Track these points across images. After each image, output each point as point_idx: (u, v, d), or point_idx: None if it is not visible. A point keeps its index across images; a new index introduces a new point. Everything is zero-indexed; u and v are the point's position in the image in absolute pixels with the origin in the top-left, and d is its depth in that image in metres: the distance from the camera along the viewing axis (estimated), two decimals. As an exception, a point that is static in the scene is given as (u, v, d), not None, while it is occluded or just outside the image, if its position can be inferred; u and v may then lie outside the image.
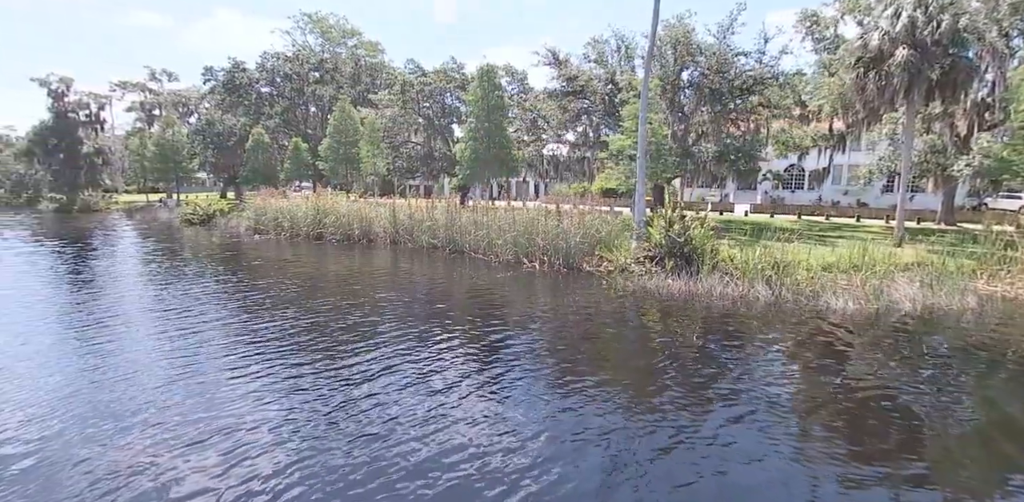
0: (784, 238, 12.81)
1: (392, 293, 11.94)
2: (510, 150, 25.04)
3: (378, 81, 44.31)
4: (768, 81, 23.31)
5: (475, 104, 24.67)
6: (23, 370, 6.94)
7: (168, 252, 20.26)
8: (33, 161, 52.80)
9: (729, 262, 12.08)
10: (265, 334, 8.44)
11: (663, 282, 11.63)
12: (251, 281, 13.24)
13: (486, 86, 24.70)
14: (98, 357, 7.42)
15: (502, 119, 25.15)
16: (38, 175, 54.33)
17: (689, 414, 5.75)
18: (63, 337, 8.48)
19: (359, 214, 20.82)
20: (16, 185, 58.29)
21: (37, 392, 6.24)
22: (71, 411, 5.75)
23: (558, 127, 25.56)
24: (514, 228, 14.93)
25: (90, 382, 6.53)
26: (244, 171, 40.77)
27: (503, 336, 8.61)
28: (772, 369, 7.23)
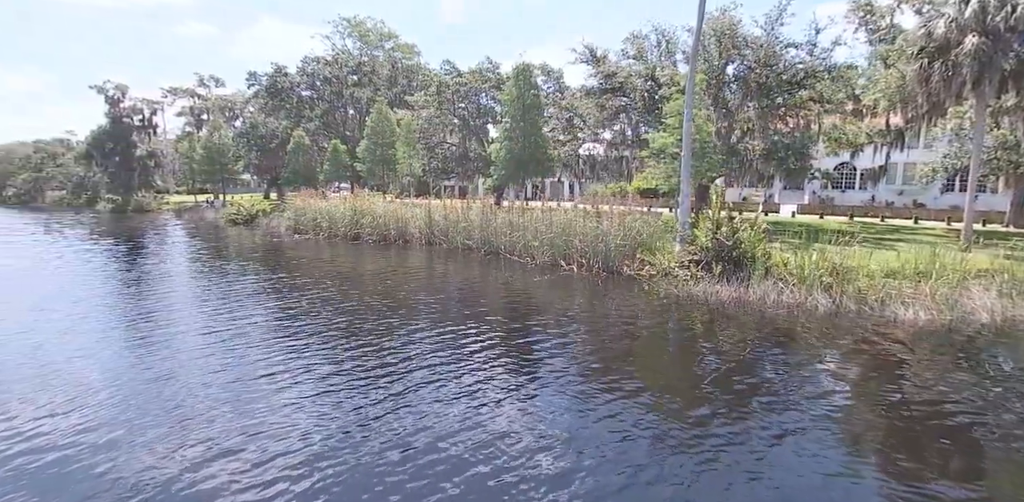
0: (844, 241, 11.94)
1: (427, 295, 11.77)
2: (546, 150, 24.66)
3: (414, 83, 44.64)
4: (820, 74, 22.07)
5: (510, 103, 24.40)
6: (63, 365, 7.02)
7: (212, 251, 20.93)
8: (91, 164, 55.94)
9: (782, 267, 11.34)
10: (301, 335, 8.42)
11: (710, 288, 11.01)
12: (290, 281, 13.43)
13: (521, 85, 24.41)
14: (139, 354, 7.54)
15: (538, 118, 24.80)
16: (96, 177, 57.49)
17: (735, 429, 5.33)
18: (106, 333, 8.68)
19: (395, 215, 20.87)
20: (77, 187, 61.90)
21: (76, 387, 6.29)
22: (108, 406, 5.77)
23: (595, 126, 24.99)
24: (551, 229, 14.54)
25: (129, 378, 6.57)
26: (285, 172, 41.84)
27: (539, 341, 8.28)
28: (830, 385, 6.62)
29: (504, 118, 24.97)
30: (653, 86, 22.51)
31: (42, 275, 14.43)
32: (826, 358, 7.61)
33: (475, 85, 29.58)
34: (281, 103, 44.83)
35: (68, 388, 6.27)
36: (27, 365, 7.06)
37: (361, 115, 43.66)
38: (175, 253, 20.45)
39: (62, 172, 65.96)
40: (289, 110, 44.67)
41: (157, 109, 58.12)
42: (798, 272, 11.01)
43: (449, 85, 29.67)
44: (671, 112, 15.83)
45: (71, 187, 63.16)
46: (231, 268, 15.71)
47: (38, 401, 5.91)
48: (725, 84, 23.08)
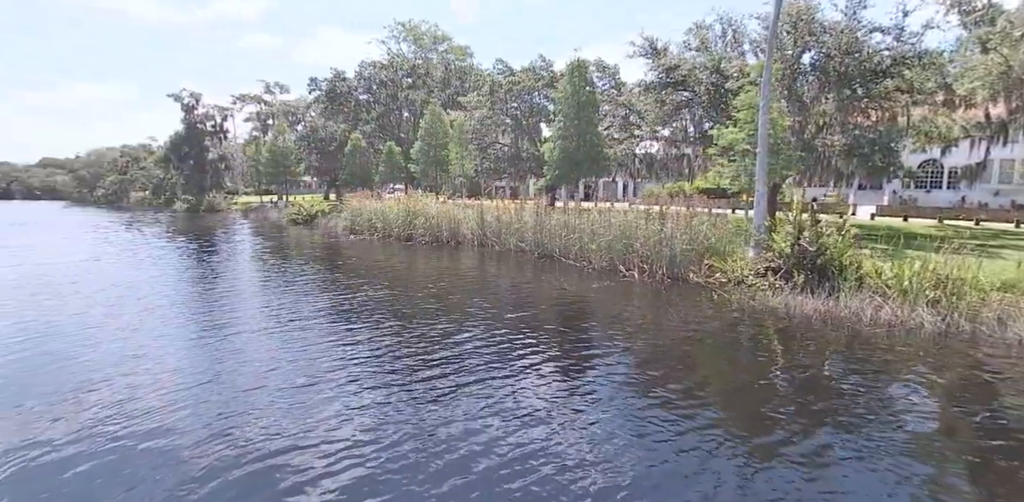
0: (942, 247, 10.41)
1: (479, 299, 11.33)
2: (601, 148, 23.76)
3: (467, 84, 44.75)
4: (909, 61, 19.91)
5: (564, 101, 23.70)
6: (118, 360, 7.18)
7: (274, 250, 21.64)
8: (169, 167, 60.02)
9: (876, 278, 10.04)
10: (354, 336, 8.34)
11: (792, 300, 9.89)
12: (345, 281, 13.53)
13: (576, 82, 23.65)
14: (195, 351, 7.70)
15: (593, 116, 23.95)
16: (173, 179, 61.65)
17: (809, 463, 4.59)
18: (169, 329, 8.79)
19: (447, 216, 20.68)
20: (157, 188, 66.66)
21: (131, 381, 6.40)
22: (163, 401, 5.82)
23: (654, 122, 23.78)
24: (609, 232, 13.74)
25: (187, 373, 6.66)
26: (343, 174, 43.05)
27: (596, 353, 7.63)
28: (938, 423, 5.53)
29: (558, 116, 24.29)
30: (719, 79, 21.11)
31: (117, 270, 15.24)
32: (934, 388, 6.46)
33: (528, 84, 29.05)
34: (339, 107, 46.21)
35: (132, 378, 6.47)
36: (98, 355, 7.30)
37: (415, 117, 44.23)
38: (240, 251, 21.37)
39: (144, 174, 71.30)
40: (347, 114, 45.97)
41: (227, 115, 61.71)
42: (895, 284, 9.69)
43: (502, 84, 29.31)
44: (742, 105, 14.61)
45: (152, 188, 68.13)
46: (290, 267, 16.12)
47: (100, 391, 6.03)
48: (800, 75, 21.30)
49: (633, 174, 35.07)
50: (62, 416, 5.39)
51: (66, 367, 6.83)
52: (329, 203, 41.16)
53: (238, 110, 68.15)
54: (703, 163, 24.45)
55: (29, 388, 6.16)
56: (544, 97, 32.31)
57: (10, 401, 5.81)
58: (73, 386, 6.17)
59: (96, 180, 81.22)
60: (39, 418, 5.37)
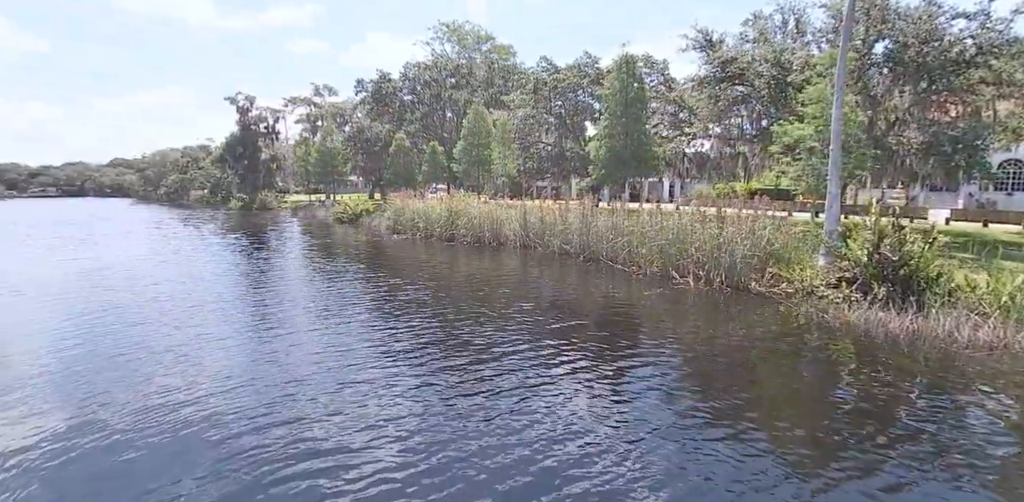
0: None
1: (521, 302, 10.86)
2: (649, 147, 22.82)
3: (510, 83, 44.39)
4: (997, 49, 17.98)
5: (611, 98, 22.89)
6: (172, 351, 7.52)
7: (320, 248, 22.07)
8: (225, 167, 62.73)
9: (970, 292, 8.90)
10: (394, 337, 8.25)
11: (872, 315, 8.88)
12: (386, 280, 13.49)
13: (624, 78, 22.80)
14: (244, 346, 7.93)
15: (641, 113, 23.03)
16: (229, 178, 64.40)
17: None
18: (217, 325, 8.97)
19: (489, 216, 20.32)
20: (214, 187, 69.81)
21: (183, 371, 6.71)
22: (209, 392, 6.05)
23: (707, 119, 22.60)
24: (662, 235, 12.94)
25: (236, 367, 6.88)
26: (387, 174, 43.61)
27: (644, 365, 7.05)
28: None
29: (604, 114, 23.51)
30: (780, 72, 19.76)
31: (175, 265, 16.04)
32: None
33: (573, 81, 28.33)
34: (385, 108, 46.85)
35: (183, 369, 6.81)
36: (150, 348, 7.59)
37: (458, 117, 44.27)
38: (287, 249, 21.90)
39: (202, 174, 74.87)
40: (391, 114, 46.55)
41: (279, 117, 63.87)
42: (993, 299, 8.54)
43: (546, 82, 28.72)
44: (810, 99, 13.48)
45: (210, 187, 71.44)
46: (334, 267, 16.30)
47: (158, 380, 6.25)
48: (871, 66, 19.68)
49: (681, 174, 33.75)
50: (128, 401, 5.76)
51: (130, 354, 7.36)
52: (373, 202, 41.78)
53: (289, 112, 70.52)
54: (760, 162, 23.06)
55: (100, 373, 6.66)
56: (589, 95, 31.54)
57: (80, 385, 6.18)
58: (136, 373, 6.62)
59: (159, 179, 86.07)
60: (104, 402, 5.74)
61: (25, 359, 7.20)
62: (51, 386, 6.24)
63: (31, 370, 6.75)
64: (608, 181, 23.35)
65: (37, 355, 7.37)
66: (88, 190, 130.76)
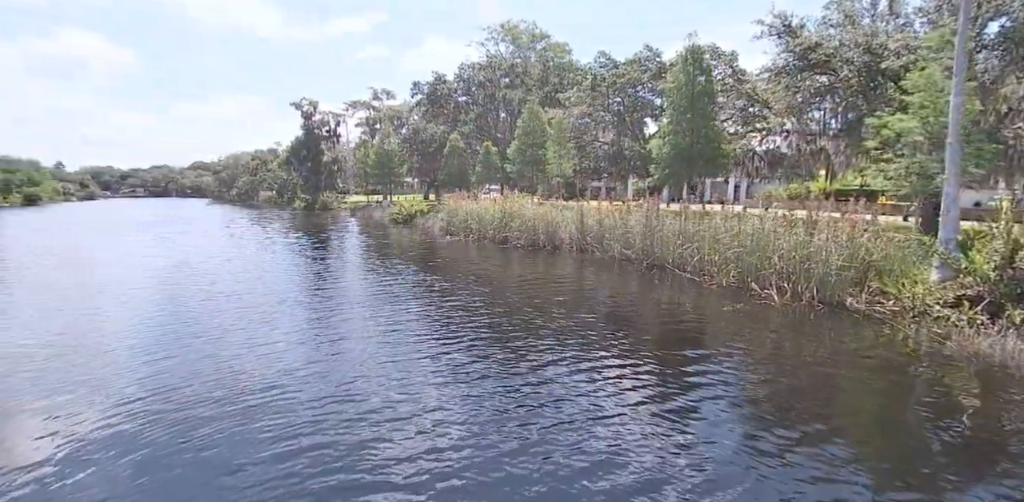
0: None
1: (579, 312, 10.01)
2: (718, 144, 21.19)
3: (565, 81, 43.37)
4: None
5: (676, 92, 21.44)
6: (215, 349, 7.68)
7: (374, 249, 22.40)
8: (290, 169, 65.53)
9: None
10: (441, 345, 7.89)
11: (1008, 343, 7.32)
12: (439, 284, 13.19)
13: (690, 70, 21.29)
14: (302, 343, 8.06)
15: (708, 108, 21.42)
16: (294, 180, 67.26)
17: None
18: (275, 323, 9.06)
19: (544, 218, 19.50)
20: (281, 188, 73.22)
21: (229, 367, 6.88)
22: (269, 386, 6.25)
23: (784, 113, 20.67)
24: (738, 241, 11.61)
25: (289, 364, 7.01)
26: (441, 175, 43.80)
27: (717, 391, 6.03)
28: None
29: (668, 110, 22.08)
30: (871, 58, 17.63)
31: (243, 263, 16.98)
32: None
33: (633, 76, 26.96)
34: (440, 109, 47.11)
35: (239, 365, 6.98)
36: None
37: (512, 117, 43.74)
38: (343, 250, 22.33)
39: (270, 176, 78.72)
40: (447, 115, 46.72)
41: (340, 121, 65.92)
42: None
43: (604, 78, 27.50)
44: (916, 86, 11.67)
45: (277, 188, 75.02)
46: (386, 268, 16.35)
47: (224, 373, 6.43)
48: (982, 48, 17.19)
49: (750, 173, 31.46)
50: (203, 392, 5.99)
51: (197, 346, 7.71)
52: (428, 203, 42.04)
53: (350, 116, 72.64)
54: (846, 160, 20.86)
55: (168, 362, 7.00)
56: (649, 90, 30.03)
57: (155, 377, 6.44)
58: (202, 364, 6.93)
59: (232, 181, 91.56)
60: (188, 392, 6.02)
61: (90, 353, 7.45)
62: (132, 374, 6.62)
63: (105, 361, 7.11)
64: (672, 181, 21.89)
65: (105, 343, 7.89)
66: (171, 191, 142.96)
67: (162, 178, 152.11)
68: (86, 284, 12.77)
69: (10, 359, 7.05)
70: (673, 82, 21.70)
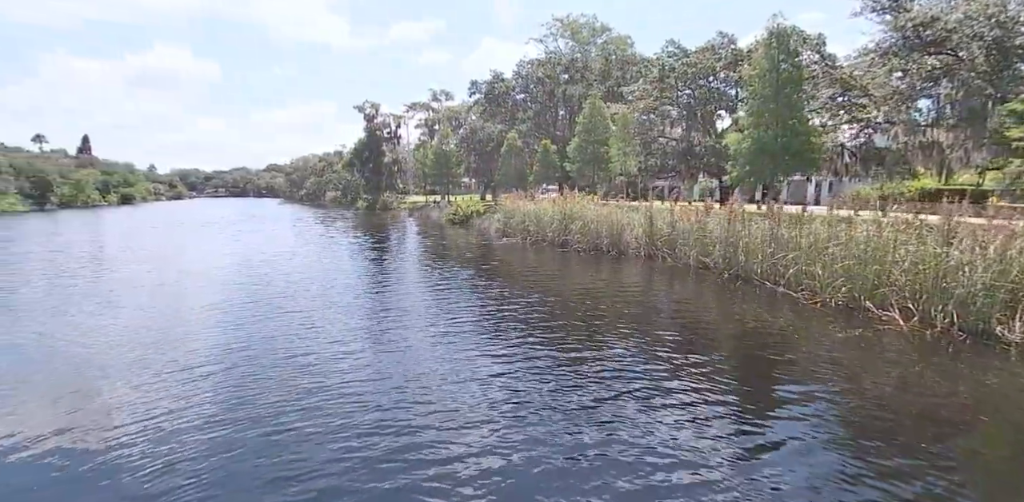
0: None
1: (650, 328, 8.75)
2: (808, 137, 18.86)
3: (628, 74, 41.34)
4: None
5: (758, 80, 19.29)
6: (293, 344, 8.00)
7: (430, 251, 22.28)
8: (353, 170, 67.42)
9: None
10: (495, 360, 7.21)
11: None
12: (492, 290, 12.57)
13: (775, 55, 19.06)
14: (350, 347, 7.92)
15: (796, 97, 19.12)
16: (357, 181, 69.16)
17: None
18: (333, 323, 9.06)
19: (607, 220, 18.09)
20: (345, 189, 75.65)
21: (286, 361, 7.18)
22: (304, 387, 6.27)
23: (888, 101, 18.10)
24: (848, 250, 9.78)
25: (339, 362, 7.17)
26: (498, 175, 43.12)
27: (822, 447, 4.47)
28: None
29: (748, 100, 19.99)
30: (1003, 34, 14.89)
31: (307, 260, 17.65)
32: None
33: (706, 65, 24.83)
34: (497, 108, 46.42)
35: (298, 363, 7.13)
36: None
37: (572, 114, 42.28)
38: (400, 250, 22.41)
39: (336, 177, 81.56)
40: (504, 114, 45.97)
41: (400, 122, 66.95)
42: None
43: (674, 68, 25.53)
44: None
45: (341, 189, 77.59)
46: (442, 270, 16.12)
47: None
48: None
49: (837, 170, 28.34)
50: (275, 388, 6.14)
51: (255, 342, 7.97)
52: (484, 203, 41.50)
53: (410, 118, 73.73)
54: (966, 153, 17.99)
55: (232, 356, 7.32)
56: (723, 81, 27.68)
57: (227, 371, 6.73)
58: (269, 358, 7.22)
59: (302, 182, 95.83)
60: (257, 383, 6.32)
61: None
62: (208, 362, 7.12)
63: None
64: (754, 179, 19.78)
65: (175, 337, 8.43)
66: (249, 191, 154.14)
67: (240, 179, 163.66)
68: (179, 275, 14.34)
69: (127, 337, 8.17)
70: (755, 69, 19.57)
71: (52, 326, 8.79)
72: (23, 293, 11.83)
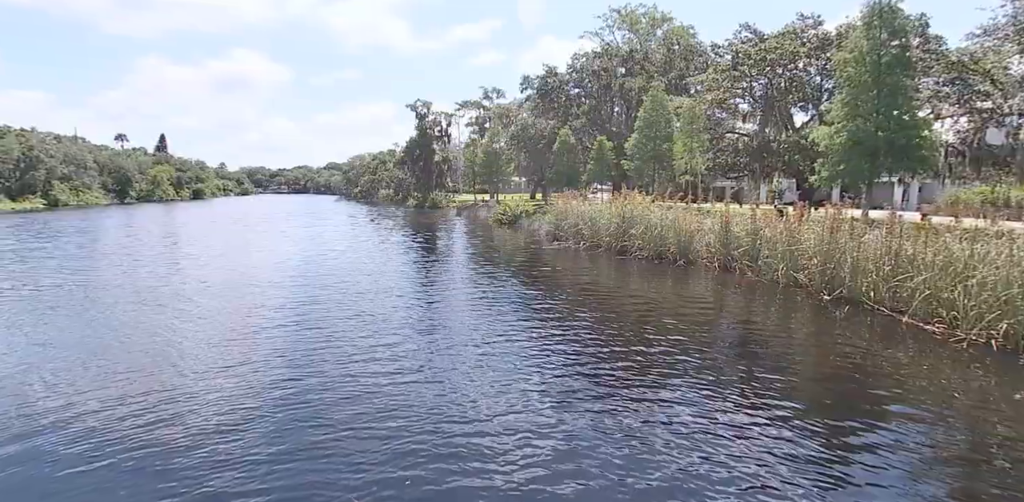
0: None
1: (742, 364, 6.98)
2: (918, 131, 16.11)
3: (693, 66, 38.54)
4: None
5: (856, 64, 16.70)
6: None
7: (478, 253, 21.50)
8: (404, 168, 67.72)
9: None
10: (533, 385, 6.04)
11: None
12: (541, 301, 11.48)
13: (875, 35, 16.43)
14: (394, 351, 7.76)
15: (903, 84, 16.38)
16: (408, 179, 69.45)
17: None
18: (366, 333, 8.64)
19: (674, 225, 16.13)
20: (397, 187, 76.28)
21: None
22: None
23: (1022, 86, 15.05)
24: (1007, 275, 7.53)
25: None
26: (549, 173, 41.53)
27: None
28: None
29: (842, 87, 17.37)
30: None
31: (355, 260, 17.65)
32: None
33: (789, 50, 22.12)
34: (550, 104, 44.69)
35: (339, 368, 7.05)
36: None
37: (629, 109, 39.93)
38: (446, 253, 21.54)
39: (388, 175, 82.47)
40: (557, 109, 44.21)
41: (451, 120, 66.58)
42: None
43: (750, 55, 22.94)
44: None
45: (393, 187, 78.35)
46: (488, 275, 15.28)
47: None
48: None
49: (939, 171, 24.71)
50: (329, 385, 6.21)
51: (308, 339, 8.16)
52: (534, 203, 39.98)
53: (461, 116, 73.20)
54: None
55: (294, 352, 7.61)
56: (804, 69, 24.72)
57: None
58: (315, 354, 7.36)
59: (357, 179, 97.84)
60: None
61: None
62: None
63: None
64: (849, 179, 17.17)
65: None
66: (309, 188, 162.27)
67: (302, 177, 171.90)
68: (218, 275, 14.71)
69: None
70: (852, 51, 16.97)
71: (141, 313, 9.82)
72: (106, 277, 13.78)
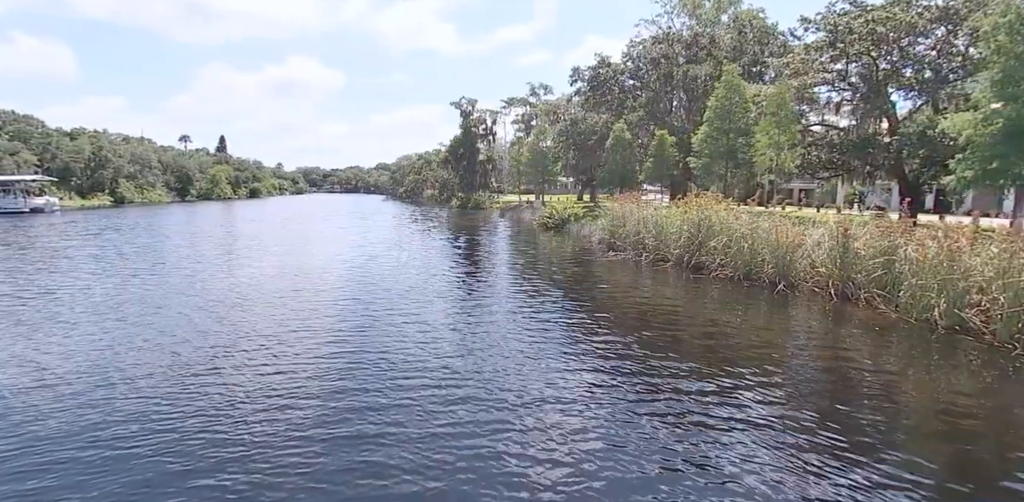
0: None
1: (895, 454, 3.95)
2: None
3: (768, 51, 34.27)
4: None
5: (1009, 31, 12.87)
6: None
7: (519, 264, 18.78)
8: (448, 168, 66.15)
9: None
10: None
11: None
12: (596, 334, 8.58)
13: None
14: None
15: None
16: (452, 179, 67.91)
17: None
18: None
19: (768, 238, 12.87)
20: (441, 187, 75.02)
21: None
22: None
23: None
24: None
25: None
26: (601, 172, 38.45)
27: None
28: None
29: (993, 62, 13.49)
30: None
31: (392, 265, 16.84)
32: None
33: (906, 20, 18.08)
34: (603, 96, 41.35)
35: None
36: None
37: (694, 100, 36.06)
38: (486, 263, 19.07)
39: (433, 175, 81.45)
40: (610, 102, 40.80)
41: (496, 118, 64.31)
42: None
43: (852, 29, 18.99)
44: None
45: (438, 186, 77.18)
46: (529, 294, 12.66)
47: None
48: None
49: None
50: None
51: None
52: (583, 205, 36.95)
53: (506, 114, 70.81)
54: None
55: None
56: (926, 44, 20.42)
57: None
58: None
59: (403, 179, 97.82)
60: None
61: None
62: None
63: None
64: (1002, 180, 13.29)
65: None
66: (359, 187, 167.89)
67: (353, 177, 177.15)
68: (258, 275, 14.61)
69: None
70: (1004, 14, 13.12)
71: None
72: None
